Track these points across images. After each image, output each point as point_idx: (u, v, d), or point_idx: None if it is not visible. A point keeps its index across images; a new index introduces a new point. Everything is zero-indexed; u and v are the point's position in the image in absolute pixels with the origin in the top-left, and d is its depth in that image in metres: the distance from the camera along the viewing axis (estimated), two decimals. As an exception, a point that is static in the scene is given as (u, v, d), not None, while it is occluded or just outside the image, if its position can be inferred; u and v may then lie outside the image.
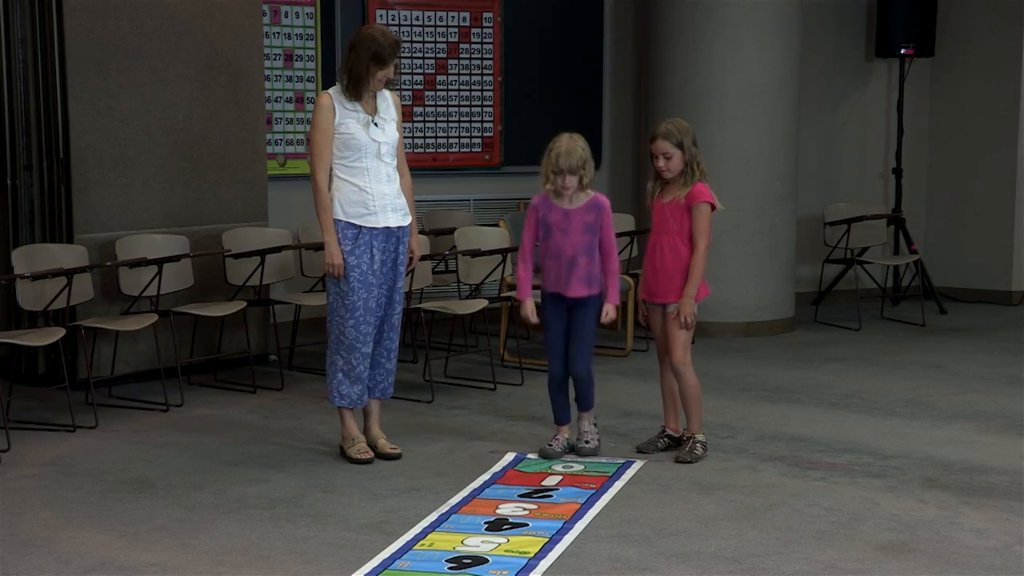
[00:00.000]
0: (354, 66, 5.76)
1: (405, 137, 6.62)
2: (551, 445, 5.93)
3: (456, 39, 9.49)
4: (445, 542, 4.77)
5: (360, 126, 5.78)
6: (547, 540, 4.78)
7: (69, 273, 6.70)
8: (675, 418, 6.06)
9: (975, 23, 10.43)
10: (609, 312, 5.79)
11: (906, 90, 10.40)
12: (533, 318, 5.88)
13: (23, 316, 7.05)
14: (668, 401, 6.06)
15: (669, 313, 5.85)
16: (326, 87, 6.07)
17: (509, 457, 5.91)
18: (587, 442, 5.94)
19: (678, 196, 5.82)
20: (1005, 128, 10.42)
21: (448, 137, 9.56)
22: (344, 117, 5.77)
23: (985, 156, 10.54)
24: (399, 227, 5.87)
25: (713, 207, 5.83)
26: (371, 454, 5.91)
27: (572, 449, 5.95)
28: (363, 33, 5.85)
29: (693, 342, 6.02)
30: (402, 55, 8.98)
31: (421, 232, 7.31)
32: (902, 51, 10.21)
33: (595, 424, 6.02)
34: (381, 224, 5.81)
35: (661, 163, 5.79)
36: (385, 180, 5.84)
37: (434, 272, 8.10)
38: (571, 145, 5.68)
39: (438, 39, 9.42)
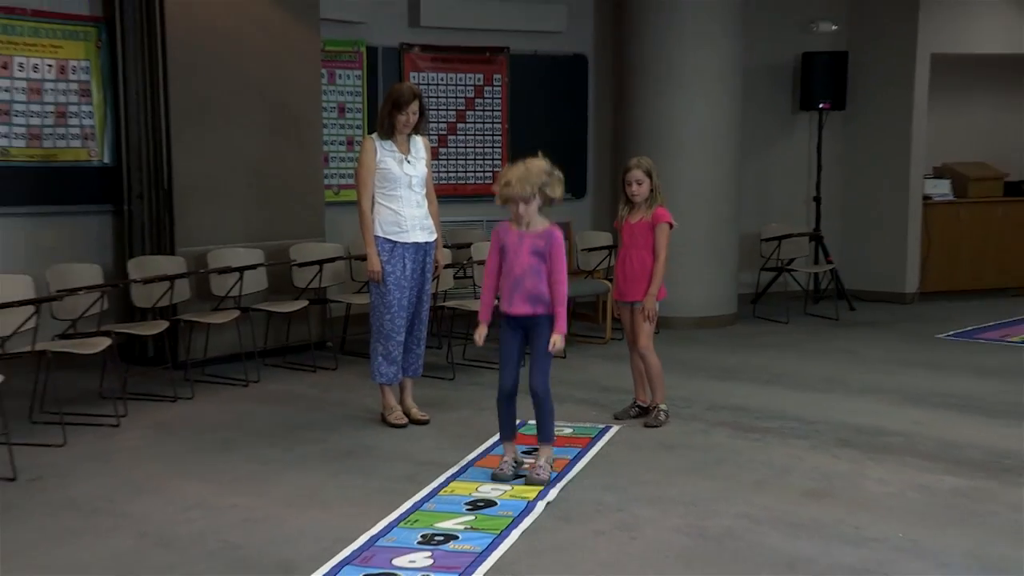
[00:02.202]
0: (380, 110, 5.77)
1: (433, 172, 6.57)
2: (502, 469, 4.86)
3: (472, 95, 9.47)
4: (464, 489, 4.74)
5: (395, 163, 5.76)
6: (542, 487, 4.73)
7: (172, 278, 6.68)
8: (643, 392, 6.02)
9: (877, 84, 10.40)
10: (556, 342, 4.70)
11: (824, 136, 10.37)
12: (479, 342, 4.87)
13: (136, 312, 7.03)
14: (637, 379, 6.01)
15: (636, 309, 5.82)
16: (370, 133, 6.05)
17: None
18: (538, 474, 4.78)
19: (644, 216, 5.78)
20: (900, 166, 10.38)
21: (466, 171, 9.54)
22: (383, 156, 5.76)
23: (884, 187, 10.50)
24: (426, 242, 5.85)
25: (671, 226, 5.79)
26: (406, 420, 5.87)
27: (518, 475, 4.87)
28: (393, 87, 5.88)
29: (657, 332, 5.98)
30: (430, 108, 8.97)
31: (445, 246, 7.28)
32: (820, 105, 10.19)
33: (551, 462, 4.87)
34: (411, 240, 5.78)
35: (634, 188, 5.76)
36: (415, 205, 5.81)
37: (455, 277, 8.07)
38: (521, 173, 4.63)
39: (458, 95, 9.40)
